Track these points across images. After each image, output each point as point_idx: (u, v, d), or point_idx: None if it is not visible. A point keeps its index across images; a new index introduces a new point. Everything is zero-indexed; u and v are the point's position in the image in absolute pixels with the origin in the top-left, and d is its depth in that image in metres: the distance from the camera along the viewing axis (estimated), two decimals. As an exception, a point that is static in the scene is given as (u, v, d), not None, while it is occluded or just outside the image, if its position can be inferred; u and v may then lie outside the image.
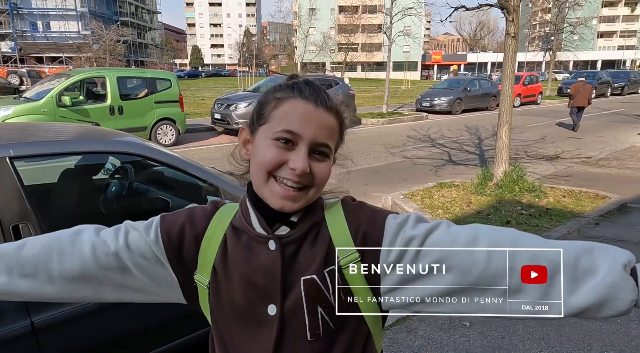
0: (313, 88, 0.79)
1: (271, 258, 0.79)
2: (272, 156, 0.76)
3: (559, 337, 2.68)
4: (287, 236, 0.81)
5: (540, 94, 22.38)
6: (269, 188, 0.78)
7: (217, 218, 0.86)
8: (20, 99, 8.91)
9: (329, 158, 0.80)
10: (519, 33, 5.22)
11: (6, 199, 1.90)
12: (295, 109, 0.77)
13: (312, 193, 0.79)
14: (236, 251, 0.82)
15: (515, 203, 5.21)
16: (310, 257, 0.79)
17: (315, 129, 0.77)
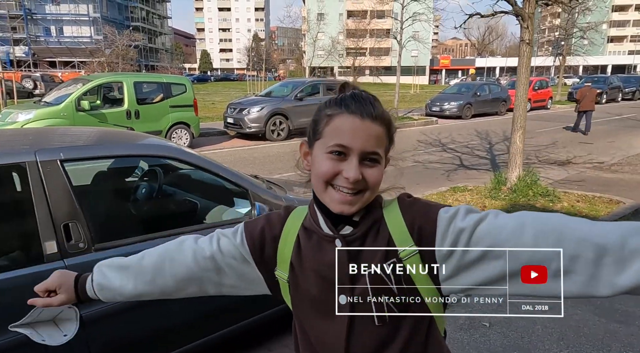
0: (359, 102, 0.87)
1: (339, 254, 0.90)
2: (328, 168, 0.86)
3: (578, 337, 2.75)
4: (350, 235, 0.91)
5: (551, 99, 22.33)
6: (328, 195, 0.88)
7: (290, 220, 0.99)
8: (41, 103, 9.12)
9: (379, 163, 0.88)
10: (532, 40, 5.30)
11: (58, 199, 2.02)
12: (343, 124, 0.86)
13: (368, 195, 0.88)
14: (308, 249, 0.94)
15: (530, 208, 5.27)
16: (372, 252, 0.89)
17: (363, 140, 0.85)
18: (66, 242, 2.01)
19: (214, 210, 2.85)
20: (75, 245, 2.04)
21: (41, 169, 2.01)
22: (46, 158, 2.04)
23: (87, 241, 2.07)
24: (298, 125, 12.23)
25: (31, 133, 2.83)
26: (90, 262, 2.06)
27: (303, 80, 13.80)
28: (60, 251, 2.00)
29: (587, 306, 3.11)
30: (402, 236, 0.88)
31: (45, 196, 1.99)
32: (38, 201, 1.97)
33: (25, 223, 1.99)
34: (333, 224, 0.92)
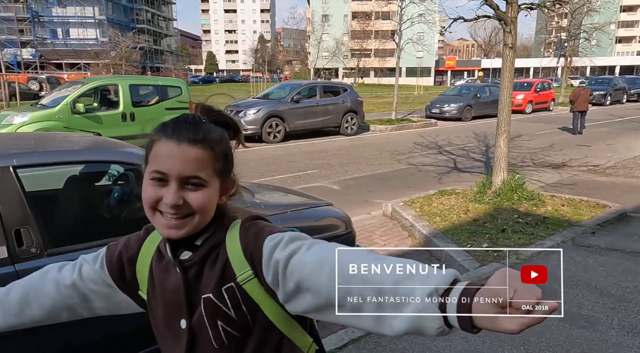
0: (178, 126, 0.86)
1: (178, 279, 0.91)
2: (149, 194, 0.86)
3: (539, 342, 2.75)
4: (188, 260, 0.91)
5: (553, 101, 22.20)
6: (156, 220, 0.87)
7: (148, 241, 1.00)
8: (37, 106, 9.23)
9: (204, 186, 0.86)
10: (516, 44, 5.28)
11: (9, 205, 2.06)
12: (160, 150, 0.85)
13: (197, 219, 0.87)
14: (158, 272, 0.96)
15: (513, 212, 5.26)
16: (209, 277, 0.89)
17: (180, 165, 0.84)
18: (17, 247, 2.05)
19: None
20: (27, 250, 2.07)
21: (-8, 175, 2.05)
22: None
23: (40, 246, 2.11)
24: (294, 127, 12.27)
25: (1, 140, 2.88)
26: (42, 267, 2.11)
27: (300, 82, 13.84)
28: (10, 256, 2.03)
29: (553, 312, 3.10)
30: (239, 260, 0.88)
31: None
32: (-12, 206, 2.01)
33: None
34: (172, 249, 0.93)
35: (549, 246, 4.32)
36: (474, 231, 4.75)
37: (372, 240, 5.07)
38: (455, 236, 4.66)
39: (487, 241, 4.47)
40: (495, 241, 4.47)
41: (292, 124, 12.15)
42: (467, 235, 4.68)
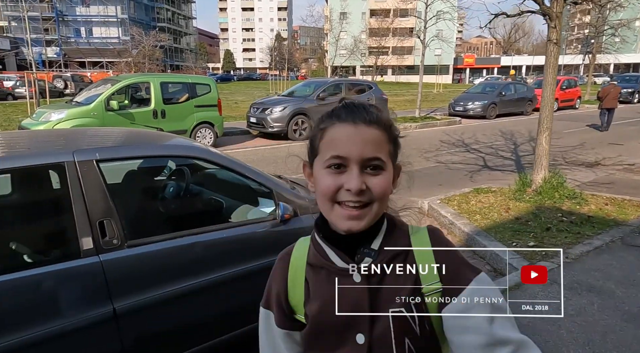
0: (349, 109, 0.83)
1: (357, 290, 0.83)
2: (329, 183, 0.81)
3: (604, 343, 2.71)
4: (369, 267, 0.83)
5: (579, 99, 21.77)
6: (335, 213, 0.82)
7: (293, 261, 0.93)
8: (72, 103, 9.42)
9: (383, 169, 0.82)
10: (560, 39, 5.20)
11: (94, 197, 2.12)
12: (336, 134, 0.81)
13: (376, 207, 0.82)
14: (320, 287, 0.87)
15: (556, 210, 5.18)
16: (396, 290, 0.82)
17: (360, 146, 0.79)
18: (101, 238, 2.11)
19: (239, 209, 2.93)
20: (109, 241, 2.13)
21: (79, 168, 2.11)
22: (83, 158, 2.14)
23: (121, 237, 2.16)
24: (320, 125, 12.28)
25: (66, 134, 2.96)
26: (123, 258, 2.17)
27: (325, 80, 13.84)
28: (95, 247, 2.09)
29: (615, 312, 3.06)
30: (429, 271, 0.82)
31: (82, 194, 2.09)
32: (76, 198, 2.07)
33: (63, 219, 2.10)
34: (348, 255, 0.85)
35: (596, 246, 4.25)
36: (518, 230, 4.69)
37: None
38: (499, 235, 4.61)
39: (533, 240, 4.41)
40: (540, 240, 4.41)
41: (318, 121, 12.16)
42: (510, 233, 4.63)
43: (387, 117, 0.86)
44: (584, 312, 3.08)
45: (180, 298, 2.31)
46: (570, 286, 3.46)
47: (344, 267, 0.85)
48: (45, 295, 1.99)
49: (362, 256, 0.84)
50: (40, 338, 1.93)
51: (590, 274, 3.68)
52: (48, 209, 2.25)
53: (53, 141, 2.49)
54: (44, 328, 1.94)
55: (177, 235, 2.37)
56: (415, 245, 0.85)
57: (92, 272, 2.07)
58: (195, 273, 2.36)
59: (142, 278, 2.21)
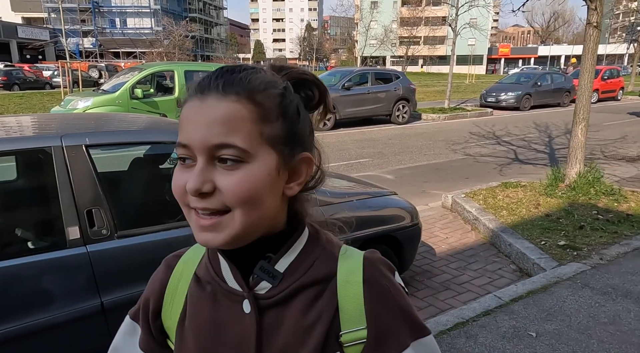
0: (207, 77, 0.57)
1: (244, 325, 0.60)
2: (174, 182, 0.57)
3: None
4: (268, 296, 0.60)
5: (622, 90, 20.63)
6: (191, 220, 0.58)
7: (179, 267, 0.69)
8: (98, 91, 9.54)
9: (244, 162, 0.55)
10: (601, 22, 4.79)
11: (82, 185, 2.01)
12: (182, 114, 0.57)
13: (240, 216, 0.55)
14: (200, 308, 0.64)
15: (591, 207, 4.82)
16: (301, 330, 0.59)
17: (204, 129, 0.54)
18: (89, 228, 2.00)
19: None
20: (98, 231, 2.02)
21: (66, 154, 2.00)
22: (72, 142, 2.03)
23: (110, 228, 2.05)
24: (345, 115, 12.06)
25: (60, 118, 2.88)
26: (112, 249, 2.06)
27: (351, 69, 13.56)
28: (82, 237, 1.99)
29: (653, 322, 2.76)
30: (355, 313, 0.60)
31: (70, 182, 1.98)
32: (62, 186, 1.97)
33: (49, 208, 2.00)
34: (243, 274, 0.62)
35: (635, 247, 3.90)
36: (548, 227, 4.38)
37: (432, 232, 4.81)
38: (527, 232, 4.31)
39: (564, 239, 4.10)
40: (572, 239, 4.10)
41: (342, 111, 11.93)
42: (539, 230, 4.33)
43: (262, 82, 0.57)
44: (619, 320, 2.79)
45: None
46: (604, 291, 3.16)
47: (235, 289, 0.61)
48: (29, 286, 1.90)
49: (259, 277, 0.61)
50: (24, 332, 1.85)
51: (627, 278, 3.36)
52: (33, 196, 2.16)
53: (46, 125, 2.40)
54: (27, 321, 1.85)
55: (171, 225, 2.24)
56: (341, 274, 0.61)
57: (79, 263, 1.97)
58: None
59: (132, 271, 2.10)
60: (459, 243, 4.52)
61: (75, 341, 1.99)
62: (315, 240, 0.64)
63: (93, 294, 1.99)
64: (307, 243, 0.64)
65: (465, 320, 2.83)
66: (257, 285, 0.61)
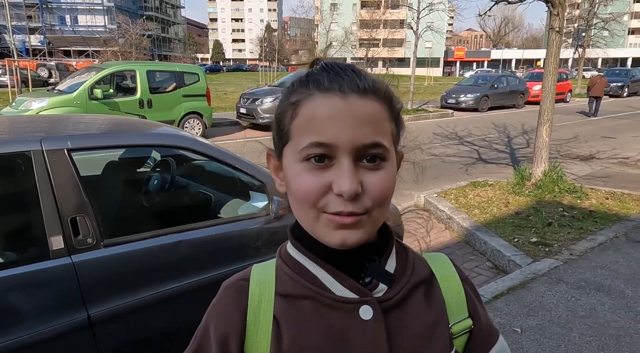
0: (333, 71, 0.56)
1: (367, 333, 0.57)
2: (308, 185, 0.54)
3: (620, 347, 2.55)
4: (386, 298, 0.59)
5: (570, 92, 21.79)
6: (321, 223, 0.56)
7: (255, 290, 0.61)
8: (54, 91, 9.06)
9: (386, 161, 0.56)
10: (563, 28, 5.02)
11: (65, 191, 1.88)
12: (317, 111, 0.54)
13: (377, 214, 0.56)
14: (303, 329, 0.58)
15: (556, 205, 5.04)
16: (429, 328, 0.60)
17: (353, 128, 0.53)
18: (73, 237, 1.87)
19: (229, 204, 2.70)
20: (83, 240, 1.90)
21: (47, 158, 1.87)
22: (53, 146, 1.90)
23: (96, 236, 1.93)
24: (312, 116, 12.06)
25: (41, 121, 2.70)
26: (99, 259, 1.94)
27: (317, 70, 13.60)
28: (67, 247, 1.85)
29: (627, 313, 2.90)
30: (457, 303, 0.63)
31: (52, 188, 1.85)
32: (44, 193, 1.83)
33: (30, 216, 1.85)
34: (355, 277, 0.60)
35: (600, 242, 4.11)
36: (519, 225, 4.53)
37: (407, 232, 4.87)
38: (499, 230, 4.45)
39: (535, 236, 4.25)
40: (542, 236, 4.26)
41: (309, 113, 11.94)
42: (511, 228, 4.47)
43: (386, 84, 0.58)
44: (595, 313, 2.92)
45: (164, 302, 2.09)
46: (578, 285, 3.30)
47: (346, 297, 0.58)
48: (10, 301, 1.76)
49: (371, 280, 0.59)
50: (5, 350, 1.70)
51: (597, 272, 3.53)
52: (13, 205, 2.00)
53: (25, 127, 2.23)
54: (9, 338, 1.71)
55: (161, 232, 2.14)
56: (437, 271, 0.65)
57: (63, 275, 1.84)
58: (181, 275, 2.14)
59: (120, 281, 1.98)
60: (434, 242, 4.60)
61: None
62: (398, 241, 0.66)
63: (79, 307, 1.86)
64: (397, 244, 0.65)
65: (452, 318, 2.87)
66: (374, 289, 0.59)
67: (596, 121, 14.91)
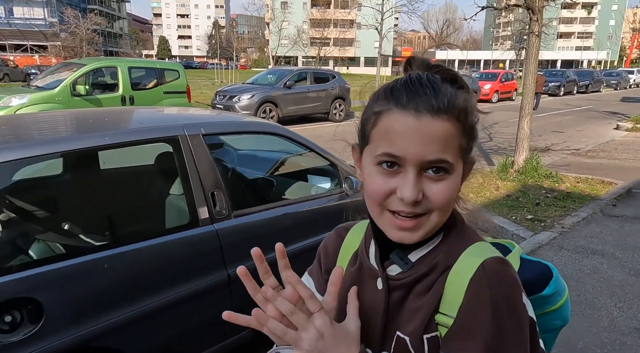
0: (414, 91, 0.63)
1: (375, 298, 0.71)
2: (378, 186, 0.65)
3: (625, 293, 3.16)
4: (397, 278, 0.70)
5: (515, 91, 23.47)
6: (384, 220, 0.67)
7: (348, 238, 0.83)
8: (31, 88, 8.77)
9: (449, 173, 0.64)
10: (541, 32, 5.72)
11: (205, 169, 2.17)
12: (392, 125, 0.63)
13: (435, 217, 0.65)
14: (349, 277, 0.76)
15: (539, 188, 5.74)
16: (413, 311, 0.68)
17: (421, 145, 0.61)
18: (214, 208, 2.16)
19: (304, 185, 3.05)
20: (220, 211, 2.19)
21: (190, 142, 2.14)
22: (192, 132, 2.17)
23: (228, 208, 2.22)
24: (287, 113, 12.35)
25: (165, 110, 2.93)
26: (232, 227, 2.24)
27: (291, 69, 13.88)
28: (210, 216, 2.14)
29: (623, 270, 3.55)
30: (452, 300, 0.66)
31: (195, 166, 2.13)
32: (191, 170, 2.11)
33: (184, 190, 2.12)
34: (382, 256, 0.73)
35: (583, 217, 4.81)
36: (512, 206, 5.16)
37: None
38: (497, 210, 5.05)
39: (529, 214, 4.89)
40: (535, 214, 4.90)
41: (285, 109, 12.22)
42: (507, 208, 5.09)
43: (464, 101, 0.65)
44: (598, 271, 3.54)
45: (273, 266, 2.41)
46: (577, 251, 3.93)
47: (373, 267, 0.74)
48: (173, 261, 2.02)
49: (391, 261, 0.72)
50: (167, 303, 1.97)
51: (588, 240, 4.18)
52: (168, 180, 2.25)
53: (162, 117, 2.48)
54: (171, 293, 1.98)
55: (270, 206, 2.46)
56: (457, 266, 0.67)
57: (210, 240, 2.13)
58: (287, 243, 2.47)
59: (246, 247, 2.28)
60: (440, 223, 5.14)
61: (204, 311, 2.14)
62: (449, 233, 0.71)
63: (221, 267, 2.16)
64: (443, 238, 0.71)
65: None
66: (389, 267, 0.72)
67: (544, 117, 16.28)
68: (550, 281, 0.81)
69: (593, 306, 3.01)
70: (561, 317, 0.84)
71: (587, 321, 2.83)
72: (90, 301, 1.75)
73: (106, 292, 1.79)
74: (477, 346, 0.61)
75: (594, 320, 2.84)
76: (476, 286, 0.63)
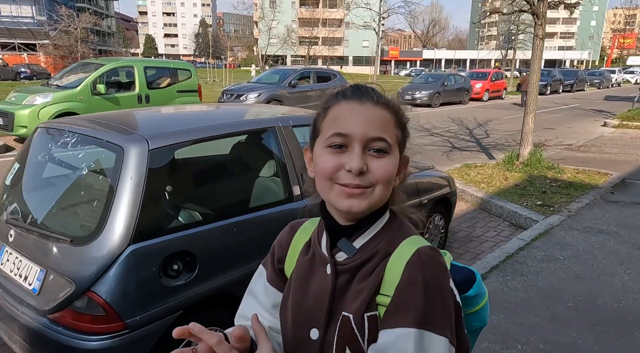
0: (358, 89, 0.79)
1: (324, 283, 0.80)
2: (328, 162, 0.75)
3: (631, 263, 3.66)
4: (344, 263, 0.80)
5: (505, 90, 24.19)
6: (334, 191, 0.76)
7: (300, 232, 0.93)
8: (52, 87, 9.02)
9: (388, 153, 0.76)
10: (544, 35, 6.23)
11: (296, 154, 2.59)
12: (340, 111, 0.77)
13: (379, 191, 0.76)
14: (302, 267, 0.86)
15: (544, 178, 6.26)
16: (357, 291, 0.77)
17: (364, 124, 0.74)
18: (302, 187, 2.58)
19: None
20: (306, 190, 2.61)
21: (284, 131, 2.56)
22: (284, 124, 2.60)
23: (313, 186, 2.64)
24: (292, 111, 12.77)
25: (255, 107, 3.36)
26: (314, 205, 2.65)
27: (294, 68, 14.29)
28: (301, 194, 2.56)
29: (627, 244, 4.06)
30: (390, 282, 0.75)
31: (289, 151, 2.55)
32: (286, 154, 2.53)
33: (282, 170, 2.54)
34: (332, 245, 0.82)
35: (586, 203, 5.33)
36: (521, 194, 5.66)
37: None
38: (509, 197, 5.54)
39: (538, 200, 5.39)
40: (543, 200, 5.41)
41: (290, 107, 12.64)
42: (517, 196, 5.59)
43: (396, 102, 0.82)
44: (606, 246, 4.04)
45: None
46: (586, 230, 4.44)
47: (324, 254, 0.83)
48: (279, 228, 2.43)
49: (339, 249, 0.81)
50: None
51: (593, 222, 4.70)
52: (270, 163, 2.67)
53: (256, 112, 2.92)
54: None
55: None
56: (396, 254, 0.77)
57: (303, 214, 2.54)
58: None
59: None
60: (456, 211, 5.60)
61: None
62: (389, 225, 0.82)
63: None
64: (383, 228, 0.81)
65: (510, 254, 3.85)
66: (337, 254, 0.81)
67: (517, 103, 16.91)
68: (474, 284, 0.91)
69: (606, 273, 3.51)
70: (480, 318, 0.94)
71: (603, 284, 3.32)
72: (228, 255, 2.17)
73: (238, 248, 2.21)
74: (410, 319, 0.70)
75: (608, 284, 3.33)
76: (411, 268, 0.73)
